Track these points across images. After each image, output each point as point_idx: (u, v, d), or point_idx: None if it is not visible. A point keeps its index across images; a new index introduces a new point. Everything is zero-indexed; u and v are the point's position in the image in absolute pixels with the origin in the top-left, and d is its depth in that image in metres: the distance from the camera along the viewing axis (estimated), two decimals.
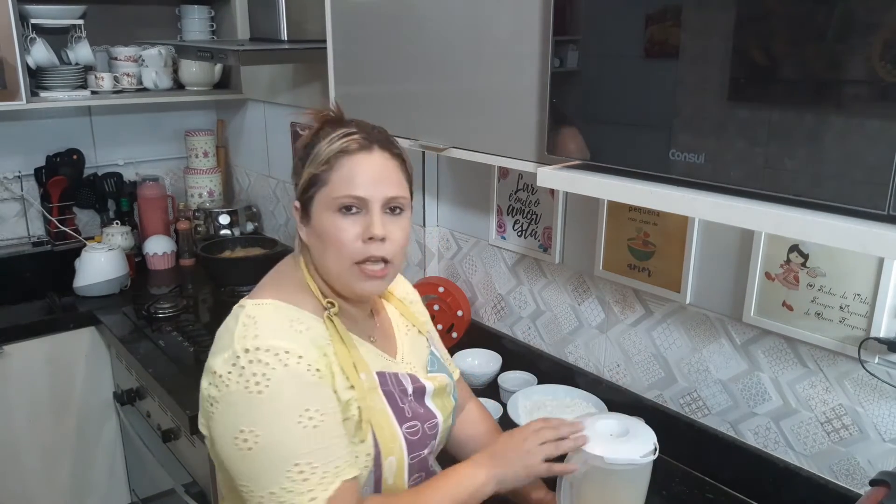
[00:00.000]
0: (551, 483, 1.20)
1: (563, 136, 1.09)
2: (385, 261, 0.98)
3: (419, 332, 1.20)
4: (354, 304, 1.07)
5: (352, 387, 0.97)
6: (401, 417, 1.03)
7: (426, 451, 1.06)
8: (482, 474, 0.99)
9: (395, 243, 0.99)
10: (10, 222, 2.62)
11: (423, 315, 1.26)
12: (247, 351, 0.91)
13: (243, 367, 0.90)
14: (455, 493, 0.98)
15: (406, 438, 1.02)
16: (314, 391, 0.92)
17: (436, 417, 1.08)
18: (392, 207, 1.00)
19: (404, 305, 1.22)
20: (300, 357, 0.92)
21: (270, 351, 0.91)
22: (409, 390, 1.07)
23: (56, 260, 2.58)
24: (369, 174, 0.97)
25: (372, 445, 0.98)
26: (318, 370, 0.93)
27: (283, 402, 0.90)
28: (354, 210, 0.97)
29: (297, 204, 1.03)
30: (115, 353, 2.34)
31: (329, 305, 1.01)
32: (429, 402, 1.10)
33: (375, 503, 0.97)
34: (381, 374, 1.03)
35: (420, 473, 1.07)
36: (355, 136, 0.99)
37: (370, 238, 0.96)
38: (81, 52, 2.42)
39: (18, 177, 2.59)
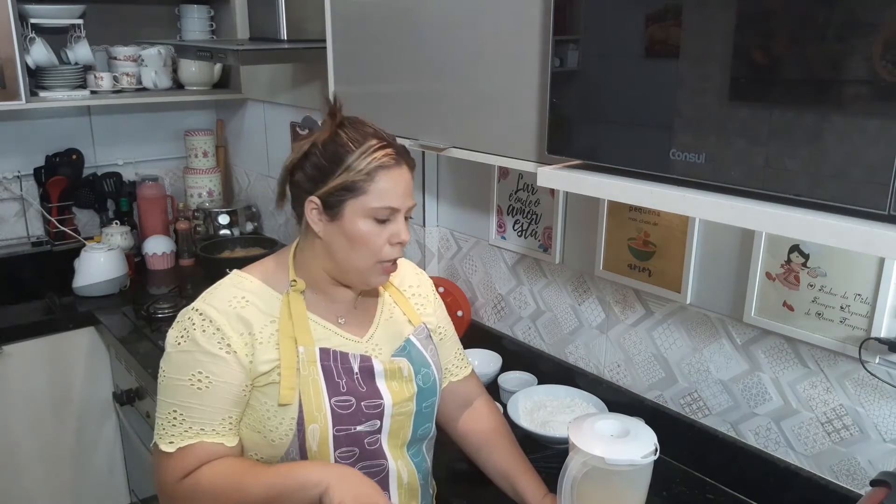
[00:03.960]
0: (552, 484, 1.20)
1: (564, 136, 1.08)
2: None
3: (408, 320, 1.24)
4: (344, 287, 1.17)
5: (278, 359, 1.08)
6: (333, 390, 1.09)
7: (360, 428, 1.11)
8: (316, 476, 1.02)
9: (405, 244, 1.14)
10: (10, 222, 2.62)
11: (426, 307, 1.29)
12: (193, 309, 1.09)
13: (180, 321, 1.10)
14: (278, 482, 1.02)
15: (333, 410, 1.08)
16: (213, 360, 1.05)
17: (381, 398, 1.13)
18: (406, 215, 1.14)
19: (399, 293, 1.26)
20: (218, 329, 1.06)
21: (202, 315, 1.07)
22: (355, 368, 1.12)
23: (55, 260, 2.58)
24: (401, 188, 1.10)
25: (297, 410, 1.07)
26: (228, 345, 1.06)
27: (186, 359, 1.06)
28: (385, 219, 1.10)
29: (317, 200, 1.09)
30: (114, 354, 2.34)
31: (292, 283, 1.13)
32: (380, 382, 1.14)
33: (215, 467, 1.05)
34: (324, 350, 1.11)
35: (352, 448, 1.11)
36: (389, 151, 1.09)
37: (398, 243, 1.11)
38: (81, 51, 2.42)
39: (18, 177, 2.59)
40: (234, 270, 1.17)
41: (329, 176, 1.08)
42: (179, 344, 1.07)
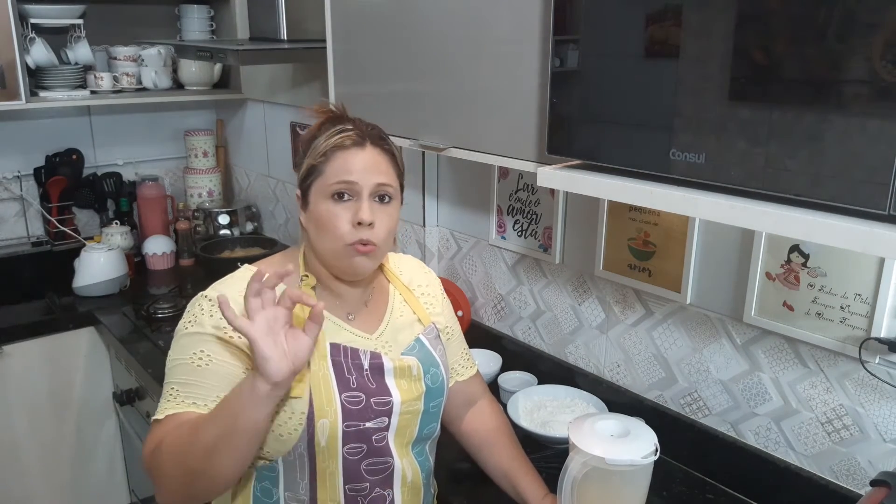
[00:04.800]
0: (552, 484, 1.20)
1: (563, 136, 1.08)
2: (373, 243, 1.09)
3: (418, 319, 1.23)
4: (347, 283, 1.16)
5: None
6: (343, 386, 1.09)
7: (369, 424, 1.11)
8: (247, 381, 0.98)
9: (382, 229, 1.10)
10: (10, 222, 2.62)
11: (435, 307, 1.28)
12: (203, 296, 1.10)
13: (190, 309, 1.10)
14: (228, 405, 0.99)
15: (343, 405, 1.08)
16: (217, 341, 1.06)
17: (390, 396, 1.13)
18: (380, 196, 1.10)
19: (409, 292, 1.26)
20: None
21: (211, 301, 1.08)
22: (365, 365, 1.12)
23: (55, 260, 2.58)
24: (360, 164, 1.08)
25: (307, 404, 1.06)
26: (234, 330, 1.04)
27: (191, 340, 1.07)
28: (346, 197, 1.08)
29: (298, 192, 1.14)
30: (114, 354, 2.34)
31: (304, 278, 1.13)
32: (389, 380, 1.14)
33: (171, 433, 1.03)
34: (334, 346, 1.11)
35: (360, 445, 1.10)
36: (350, 133, 1.10)
37: (359, 223, 1.07)
38: (81, 51, 2.42)
39: (18, 177, 2.59)
40: (245, 265, 1.17)
41: (300, 166, 1.13)
42: (187, 328, 1.08)
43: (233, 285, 1.11)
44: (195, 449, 0.98)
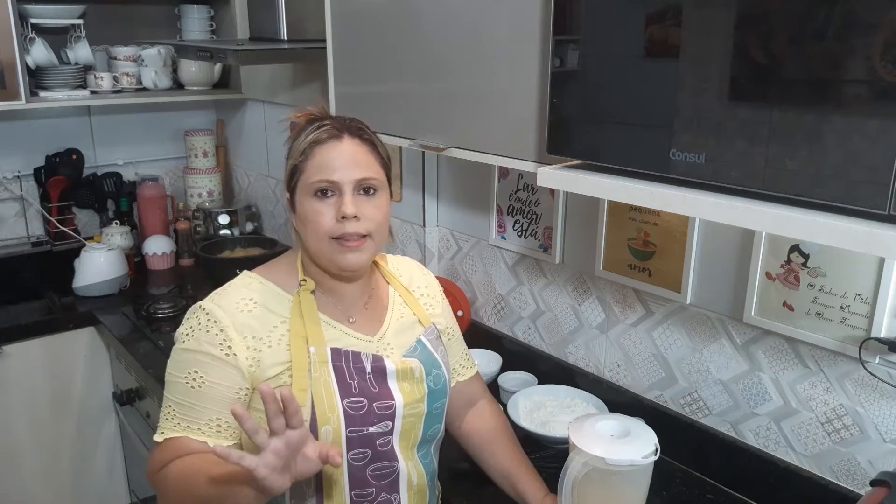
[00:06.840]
0: (552, 484, 1.20)
1: (563, 136, 1.08)
2: (362, 235, 1.08)
3: (418, 321, 1.23)
4: (346, 283, 1.15)
5: (288, 361, 1.08)
6: (345, 392, 1.08)
7: (373, 429, 1.10)
8: (245, 475, 0.95)
9: (370, 220, 1.08)
10: (10, 222, 2.62)
11: (434, 308, 1.28)
12: (201, 307, 1.10)
13: (189, 318, 1.10)
14: (226, 474, 0.96)
15: (345, 411, 1.08)
16: (210, 362, 1.05)
17: (392, 399, 1.12)
18: (365, 188, 1.09)
19: (409, 293, 1.25)
20: (221, 330, 1.06)
21: (208, 315, 1.08)
22: (368, 368, 1.12)
23: (55, 260, 2.58)
24: (339, 160, 1.07)
25: (309, 412, 1.05)
26: (229, 346, 1.06)
27: (187, 357, 1.07)
28: (329, 193, 1.07)
29: (288, 195, 1.14)
30: (114, 354, 2.34)
31: (302, 282, 1.12)
32: (391, 383, 1.13)
33: (185, 458, 1.04)
34: (335, 350, 1.10)
35: (364, 450, 1.10)
36: (326, 127, 1.09)
37: (343, 217, 1.06)
38: (81, 51, 2.42)
39: (18, 177, 2.59)
40: (244, 272, 1.16)
41: (286, 169, 1.13)
42: (184, 342, 1.08)
43: (231, 295, 1.11)
44: (192, 494, 1.00)
